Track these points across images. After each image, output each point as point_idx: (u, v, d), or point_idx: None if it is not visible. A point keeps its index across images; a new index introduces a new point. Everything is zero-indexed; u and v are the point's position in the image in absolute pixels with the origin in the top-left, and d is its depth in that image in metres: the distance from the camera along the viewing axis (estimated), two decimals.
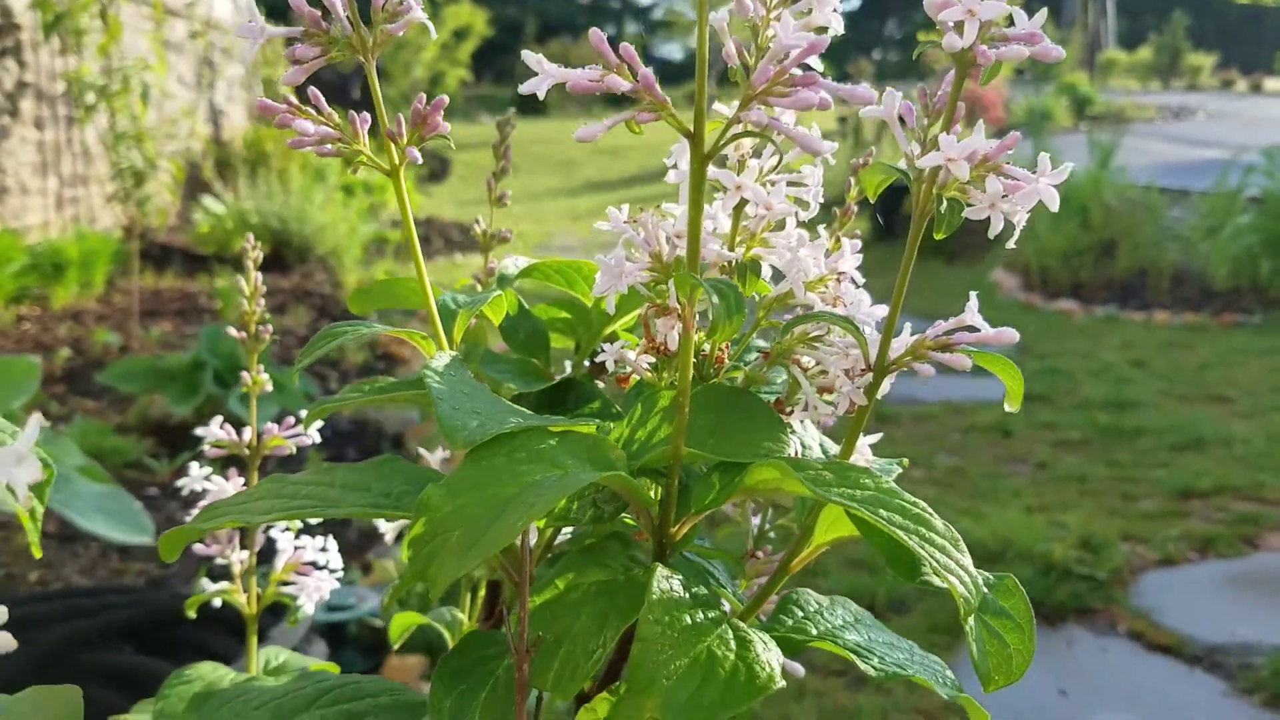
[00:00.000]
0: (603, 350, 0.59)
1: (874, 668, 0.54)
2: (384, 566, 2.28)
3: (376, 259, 6.20)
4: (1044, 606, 2.54)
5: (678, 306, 0.54)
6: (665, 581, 0.50)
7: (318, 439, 0.89)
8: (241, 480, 0.85)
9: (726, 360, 0.58)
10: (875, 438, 0.60)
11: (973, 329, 0.52)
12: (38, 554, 0.73)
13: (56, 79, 5.23)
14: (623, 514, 0.56)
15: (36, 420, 0.31)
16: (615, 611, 0.50)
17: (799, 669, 0.76)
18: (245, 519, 0.53)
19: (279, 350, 4.16)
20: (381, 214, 7.09)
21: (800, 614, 0.58)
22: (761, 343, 0.61)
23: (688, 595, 0.51)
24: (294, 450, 0.88)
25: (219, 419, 0.90)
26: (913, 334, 0.53)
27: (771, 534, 0.70)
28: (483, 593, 0.79)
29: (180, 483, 0.85)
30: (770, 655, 0.50)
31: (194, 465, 0.86)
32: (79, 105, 4.62)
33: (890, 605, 2.59)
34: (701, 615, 0.50)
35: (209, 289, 5.00)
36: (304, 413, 0.92)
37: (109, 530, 2.21)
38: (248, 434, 0.88)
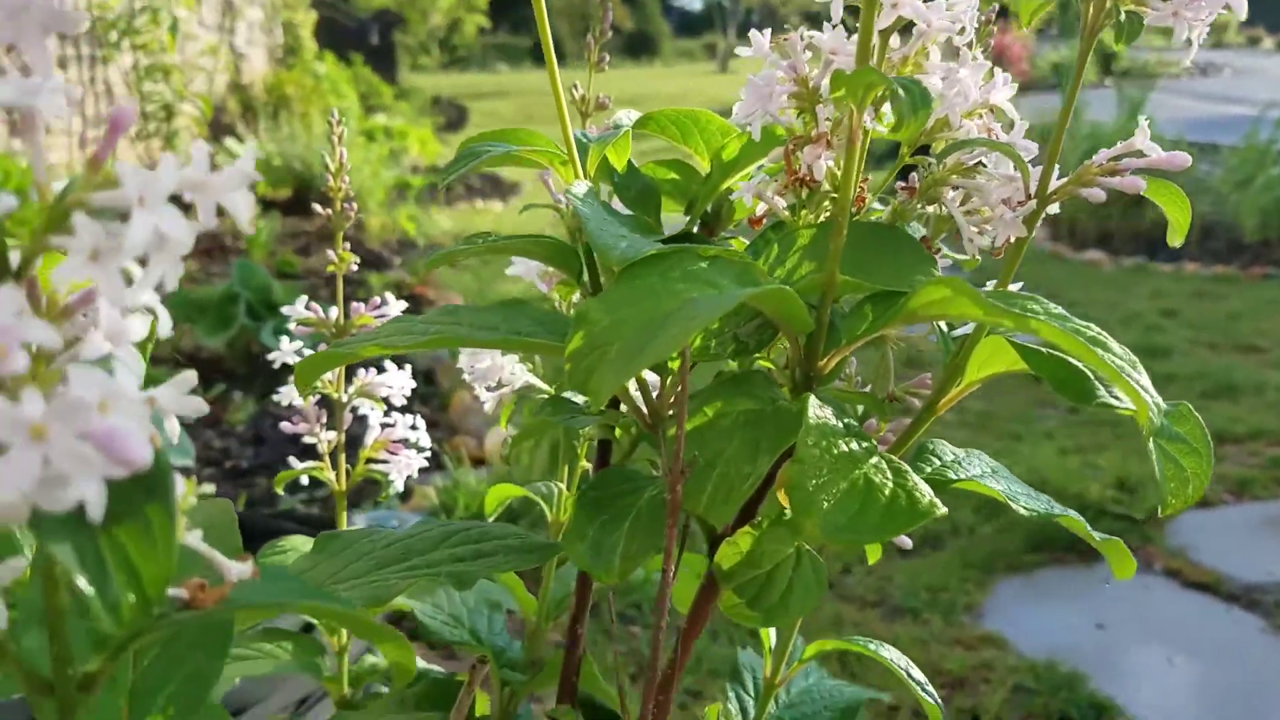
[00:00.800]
0: (738, 190, 0.58)
1: (1024, 508, 0.53)
2: (424, 492, 2.29)
3: (399, 203, 6.17)
4: (1080, 544, 2.53)
5: (826, 132, 0.52)
6: (819, 409, 0.49)
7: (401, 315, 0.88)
8: None
9: (867, 198, 0.56)
10: (1017, 286, 0.58)
11: (1140, 154, 0.50)
12: None
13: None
14: (759, 354, 0.55)
15: (253, 148, 0.30)
16: (767, 439, 0.49)
17: (906, 540, 0.75)
18: (386, 346, 0.52)
19: (308, 290, 4.15)
20: (402, 160, 7.04)
21: (938, 462, 0.57)
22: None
23: (840, 425, 0.50)
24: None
25: (304, 298, 0.88)
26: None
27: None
28: (583, 464, 0.78)
29: (271, 356, 0.84)
30: (925, 486, 0.49)
31: (284, 339, 0.85)
32: (103, 44, 4.58)
33: (925, 540, 2.59)
34: (855, 445, 0.49)
35: (234, 229, 4.98)
36: (388, 295, 0.91)
37: None
38: (334, 313, 0.87)
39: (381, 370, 0.87)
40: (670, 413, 0.57)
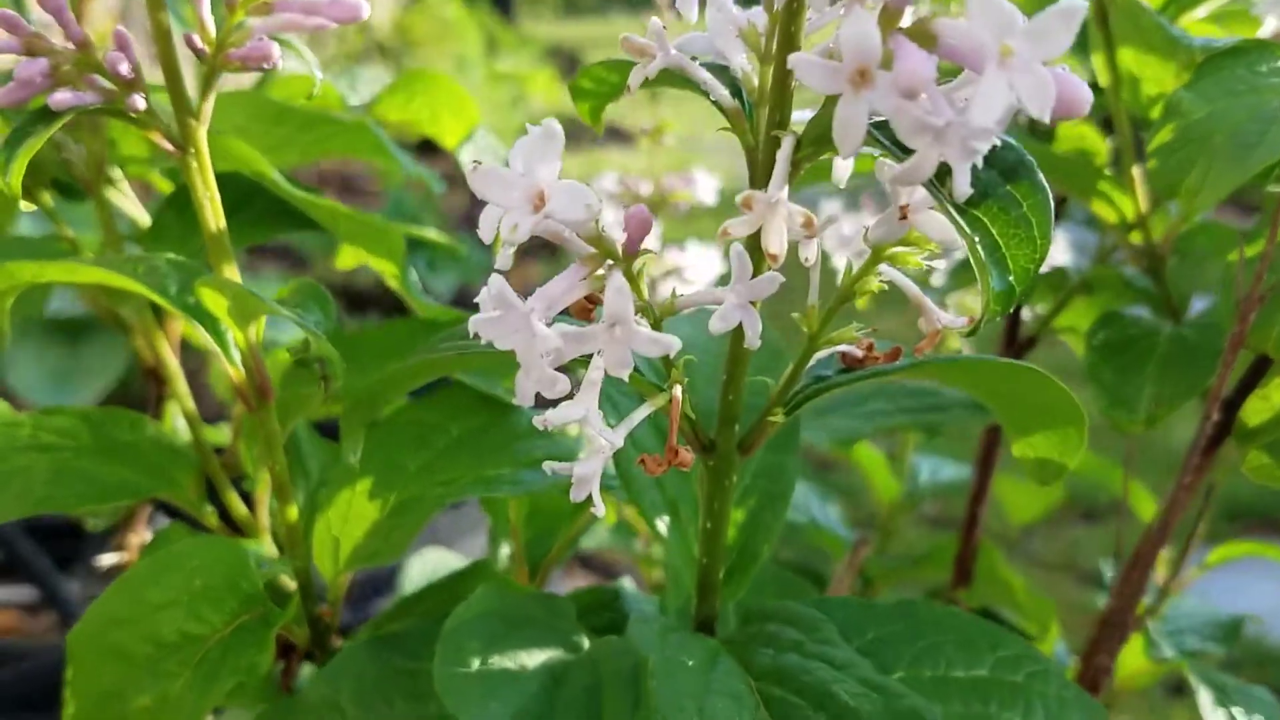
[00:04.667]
0: None
1: None
2: None
3: None
4: (1275, 517, 2.39)
5: None
6: None
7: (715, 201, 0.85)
8: None
9: None
10: None
11: None
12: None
13: None
14: None
15: None
16: None
17: None
18: None
19: (442, 224, 4.17)
20: (521, 106, 7.05)
21: None
22: None
23: None
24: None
25: (613, 175, 0.85)
26: None
27: None
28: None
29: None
30: None
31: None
32: None
33: (1113, 505, 2.48)
34: None
35: (374, 170, 5.05)
36: None
37: None
38: (646, 187, 0.84)
39: None
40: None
